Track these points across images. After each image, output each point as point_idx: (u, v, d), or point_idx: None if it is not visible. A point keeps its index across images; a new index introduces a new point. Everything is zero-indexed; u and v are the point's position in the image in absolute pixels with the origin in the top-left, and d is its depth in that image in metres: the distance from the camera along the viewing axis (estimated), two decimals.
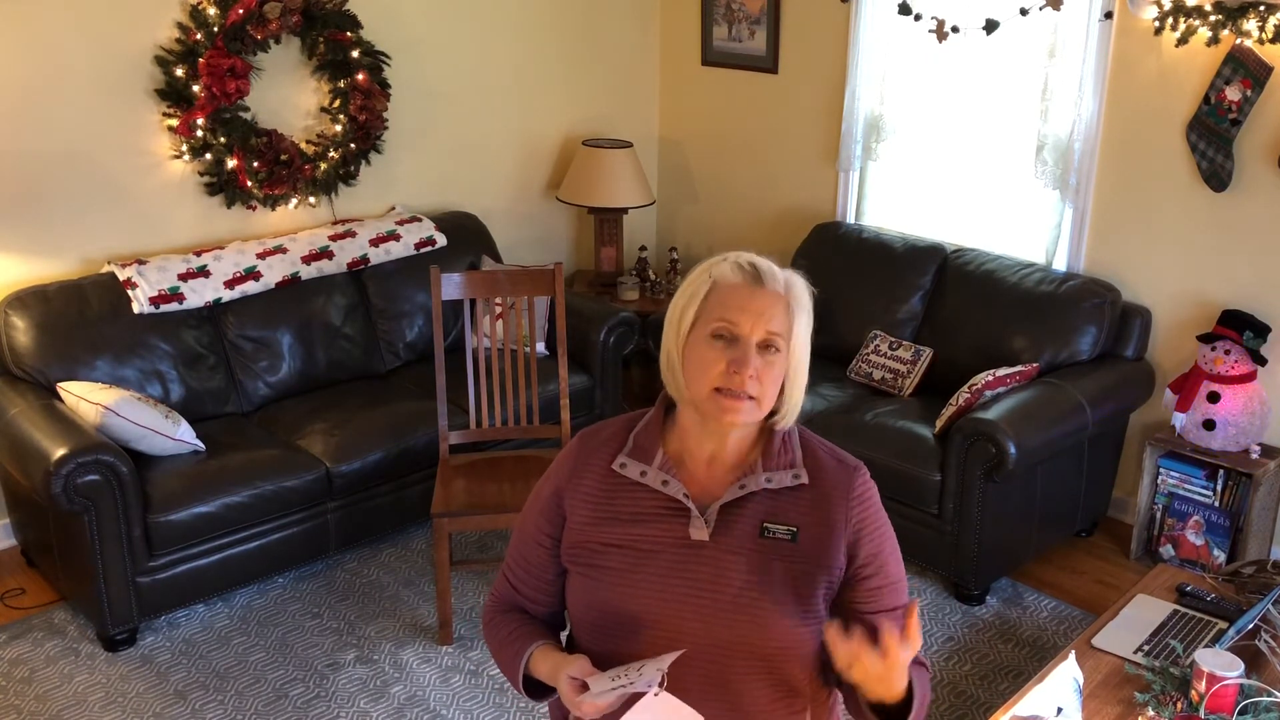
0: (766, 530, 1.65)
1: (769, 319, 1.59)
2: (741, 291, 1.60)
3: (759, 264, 1.63)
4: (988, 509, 3.64)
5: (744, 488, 1.66)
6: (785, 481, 1.67)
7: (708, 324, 1.61)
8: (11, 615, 3.69)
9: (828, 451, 1.73)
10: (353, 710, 3.28)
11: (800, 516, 1.66)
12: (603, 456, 1.73)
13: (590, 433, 1.78)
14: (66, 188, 3.95)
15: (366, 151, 4.55)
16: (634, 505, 1.68)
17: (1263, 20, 3.58)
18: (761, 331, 1.59)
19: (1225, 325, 3.82)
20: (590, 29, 5.29)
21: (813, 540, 1.65)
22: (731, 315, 1.60)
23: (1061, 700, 2.32)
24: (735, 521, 1.65)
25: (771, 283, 1.61)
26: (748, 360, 1.58)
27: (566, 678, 1.60)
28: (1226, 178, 3.82)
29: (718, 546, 1.64)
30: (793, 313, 1.61)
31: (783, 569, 1.63)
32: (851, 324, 4.49)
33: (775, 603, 1.62)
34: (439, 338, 3.69)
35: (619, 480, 1.70)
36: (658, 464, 1.68)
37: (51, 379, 3.71)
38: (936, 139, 4.60)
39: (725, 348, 1.60)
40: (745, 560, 1.63)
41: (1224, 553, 3.82)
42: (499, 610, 1.84)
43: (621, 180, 5.08)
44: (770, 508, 1.66)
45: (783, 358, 1.61)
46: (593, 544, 1.68)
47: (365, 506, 3.93)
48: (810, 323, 1.65)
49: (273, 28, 4.11)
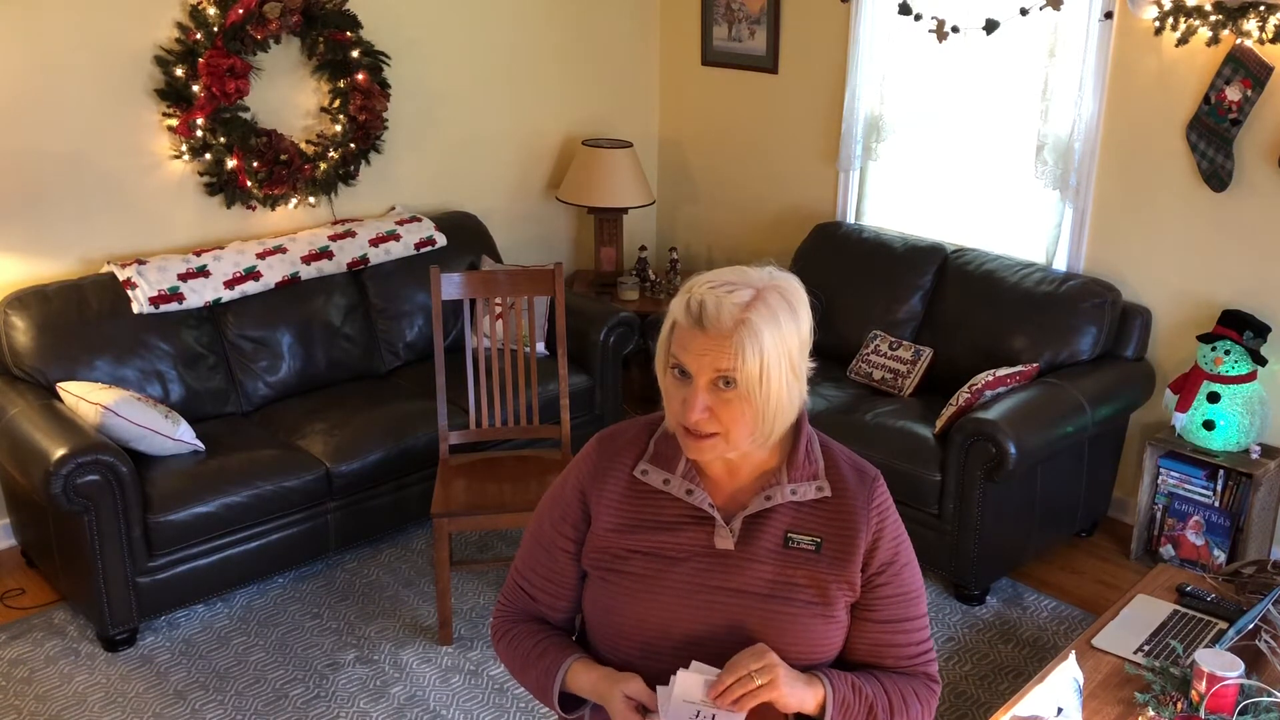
0: (790, 540, 1.66)
1: (715, 358, 1.55)
2: (686, 334, 1.57)
3: (706, 303, 1.55)
4: (988, 509, 3.64)
5: (769, 499, 1.67)
6: (809, 494, 1.68)
7: (669, 360, 1.62)
8: (11, 615, 3.69)
9: (847, 460, 1.74)
10: (353, 710, 3.28)
11: (822, 527, 1.67)
12: (624, 462, 1.72)
13: (608, 436, 1.77)
14: (66, 188, 3.95)
15: (366, 151, 4.55)
16: (658, 513, 1.68)
17: (1263, 20, 3.58)
18: (709, 372, 1.56)
19: (1225, 325, 3.82)
20: (590, 29, 5.29)
21: (835, 550, 1.66)
22: (681, 356, 1.58)
23: (1062, 700, 2.32)
24: (760, 531, 1.66)
25: (714, 325, 1.54)
26: (694, 401, 1.57)
27: (623, 696, 1.59)
28: (1226, 178, 3.81)
29: (743, 555, 1.65)
30: (741, 348, 1.53)
31: (806, 577, 1.65)
32: (851, 324, 4.49)
33: (800, 611, 1.64)
34: (439, 338, 3.69)
35: (641, 487, 1.70)
36: (680, 473, 1.69)
37: (51, 379, 3.71)
38: (936, 139, 4.60)
39: (679, 385, 1.60)
40: (770, 569, 1.65)
41: (1224, 553, 3.82)
42: (513, 621, 1.80)
43: (621, 180, 5.08)
44: (794, 518, 1.67)
45: (739, 392, 1.57)
46: (616, 549, 1.68)
47: (365, 506, 3.93)
48: (778, 344, 1.56)
49: (273, 28, 4.11)
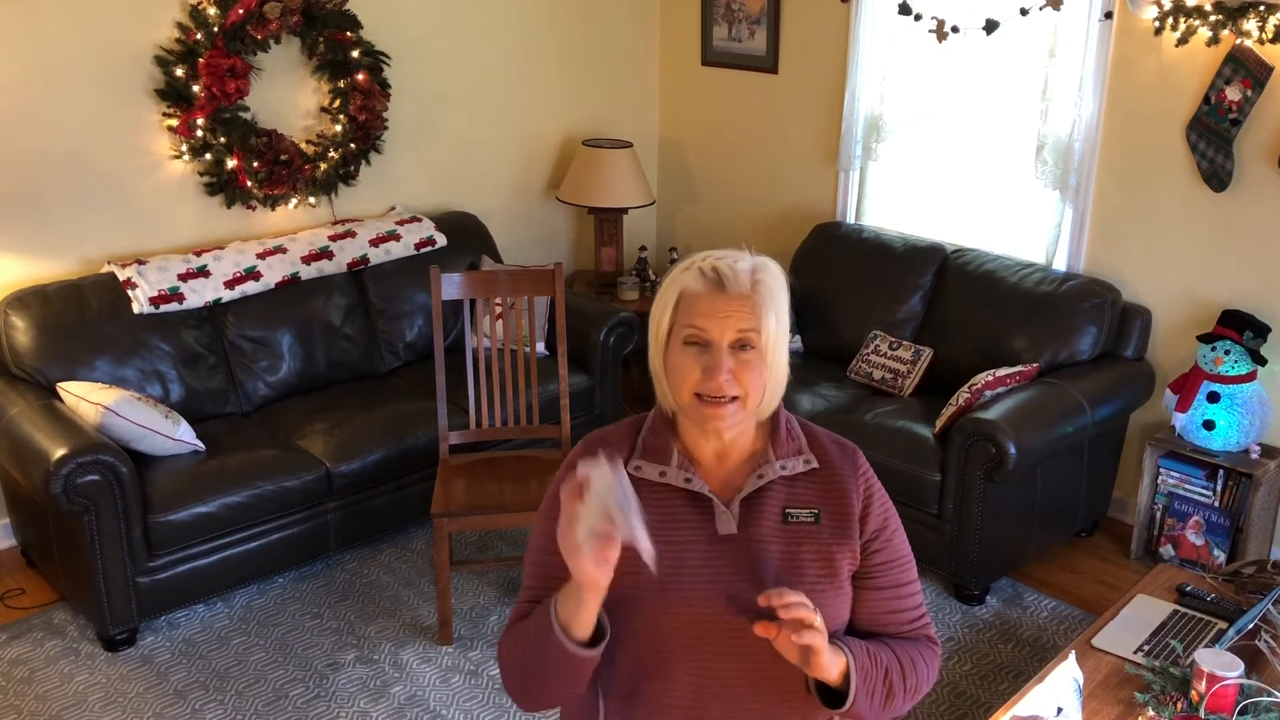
0: (790, 515, 1.69)
1: (737, 319, 1.61)
2: (705, 299, 1.62)
3: (721, 268, 1.63)
4: (988, 509, 3.64)
5: (762, 477, 1.70)
6: (798, 467, 1.72)
7: (680, 332, 1.64)
8: (11, 615, 3.69)
9: (826, 436, 1.78)
10: (353, 710, 3.28)
11: (817, 498, 1.71)
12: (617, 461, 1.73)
13: (596, 439, 1.77)
14: (66, 188, 3.95)
15: (366, 151, 4.55)
16: (657, 506, 1.68)
17: (1263, 20, 3.58)
18: (731, 333, 1.61)
19: (1225, 325, 3.81)
20: (590, 29, 5.29)
21: (832, 519, 1.70)
22: (699, 322, 1.62)
23: (1061, 700, 2.32)
24: (758, 511, 1.68)
25: (735, 286, 1.62)
26: (719, 365, 1.61)
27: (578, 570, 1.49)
28: (1226, 178, 3.81)
29: (746, 537, 1.67)
30: (761, 308, 1.62)
31: (811, 550, 1.67)
32: (851, 324, 4.49)
33: (811, 585, 1.65)
34: (439, 338, 3.69)
35: (637, 484, 1.69)
36: (675, 463, 1.71)
37: (51, 379, 3.71)
38: (936, 139, 4.60)
39: (699, 354, 1.63)
40: (775, 548, 1.67)
41: (1224, 553, 3.82)
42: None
43: (621, 180, 5.08)
44: (788, 494, 1.70)
45: (759, 353, 1.63)
46: (623, 551, 1.67)
47: (365, 506, 3.93)
48: (785, 310, 1.66)
49: (273, 28, 4.11)
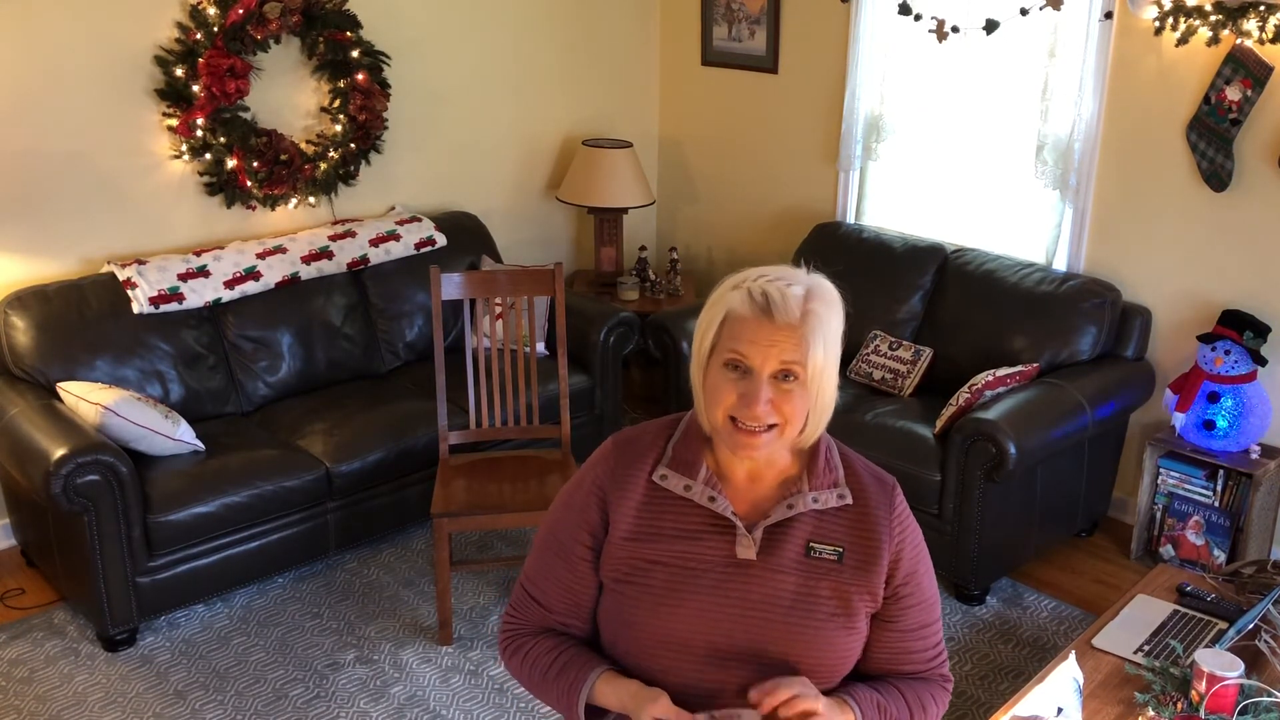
0: (812, 550, 1.63)
1: (781, 350, 1.55)
2: (751, 324, 1.55)
3: (771, 293, 1.56)
4: (988, 509, 3.64)
5: (792, 507, 1.64)
6: (831, 501, 1.66)
7: (722, 353, 1.58)
8: (11, 615, 3.69)
9: (865, 468, 1.72)
10: (353, 710, 3.28)
11: (844, 536, 1.65)
12: (643, 466, 1.67)
13: (625, 440, 1.72)
14: (66, 188, 3.95)
15: (366, 151, 4.55)
16: (677, 521, 1.63)
17: (1263, 20, 3.58)
18: (774, 364, 1.55)
19: (1225, 325, 3.81)
20: (590, 29, 5.28)
21: (857, 559, 1.64)
22: (742, 348, 1.56)
23: (1061, 700, 2.32)
24: (782, 541, 1.63)
25: (783, 315, 1.55)
26: (758, 395, 1.55)
27: (650, 717, 1.53)
28: (1226, 178, 3.81)
29: (765, 565, 1.61)
30: (808, 340, 1.56)
31: (829, 588, 1.62)
32: (851, 324, 4.41)
33: (823, 622, 1.61)
34: (439, 338, 3.69)
35: (661, 493, 1.65)
36: (702, 479, 1.65)
37: (51, 379, 3.71)
38: (936, 139, 4.60)
39: (739, 379, 1.57)
40: (792, 580, 1.62)
41: (1224, 553, 3.82)
42: (524, 634, 1.73)
43: (621, 180, 5.08)
44: (816, 527, 1.65)
45: (801, 384, 1.57)
46: (635, 560, 1.63)
47: (365, 506, 3.93)
48: (835, 337, 1.61)
49: (273, 28, 4.11)
